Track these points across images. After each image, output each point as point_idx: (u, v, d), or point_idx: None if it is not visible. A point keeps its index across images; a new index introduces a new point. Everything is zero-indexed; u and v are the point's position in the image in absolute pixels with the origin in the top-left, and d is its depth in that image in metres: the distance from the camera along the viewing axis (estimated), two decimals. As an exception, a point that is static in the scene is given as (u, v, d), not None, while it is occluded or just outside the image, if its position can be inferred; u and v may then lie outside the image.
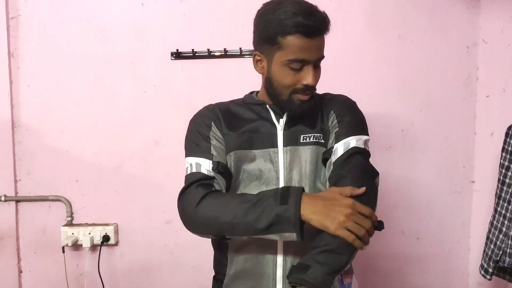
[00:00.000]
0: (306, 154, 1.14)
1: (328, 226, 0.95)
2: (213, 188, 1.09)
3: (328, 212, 0.96)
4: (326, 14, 1.07)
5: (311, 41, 1.05)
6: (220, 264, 1.21)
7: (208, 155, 1.13)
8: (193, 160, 1.14)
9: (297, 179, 1.13)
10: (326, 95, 1.26)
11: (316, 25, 1.04)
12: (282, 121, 1.17)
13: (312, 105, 1.15)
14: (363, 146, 1.12)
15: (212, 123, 1.17)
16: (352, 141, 1.11)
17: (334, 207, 0.97)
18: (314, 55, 1.07)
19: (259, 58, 1.14)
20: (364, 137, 1.14)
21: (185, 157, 1.17)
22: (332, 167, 1.11)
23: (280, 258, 1.12)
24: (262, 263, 1.13)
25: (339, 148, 1.11)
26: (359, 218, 0.96)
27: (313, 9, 1.06)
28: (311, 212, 0.97)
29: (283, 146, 1.15)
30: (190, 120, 1.22)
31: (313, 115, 1.19)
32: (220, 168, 1.12)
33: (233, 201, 1.03)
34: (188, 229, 1.09)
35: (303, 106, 1.12)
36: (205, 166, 1.12)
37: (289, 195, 0.99)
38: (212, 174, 1.11)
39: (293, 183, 1.13)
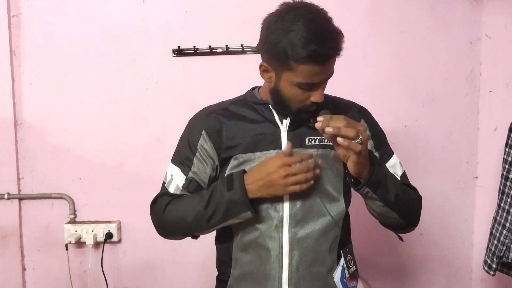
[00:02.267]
0: None
1: (277, 194, 1.06)
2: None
3: (269, 184, 1.04)
4: (339, 33, 1.01)
5: (324, 66, 1.00)
6: (223, 264, 1.20)
7: (185, 169, 1.16)
8: (172, 169, 1.18)
9: None
10: (337, 99, 1.23)
11: (330, 52, 0.99)
12: (286, 122, 1.13)
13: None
14: (403, 169, 1.23)
15: (204, 132, 1.15)
16: (397, 165, 1.20)
17: (270, 175, 1.04)
18: (324, 78, 1.04)
19: (266, 69, 1.08)
20: (395, 155, 1.22)
21: (171, 158, 1.21)
22: None
23: (286, 261, 1.11)
24: (267, 265, 1.11)
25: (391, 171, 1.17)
26: (294, 170, 1.03)
27: (327, 32, 0.99)
28: (257, 190, 1.05)
29: None
30: (188, 122, 1.22)
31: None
32: (190, 188, 1.16)
33: (192, 201, 1.12)
34: (161, 235, 1.19)
35: (306, 116, 1.10)
36: (177, 180, 1.16)
37: (233, 180, 1.07)
38: (178, 192, 1.16)
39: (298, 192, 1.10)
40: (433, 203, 1.96)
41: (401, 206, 1.10)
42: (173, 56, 1.87)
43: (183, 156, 1.17)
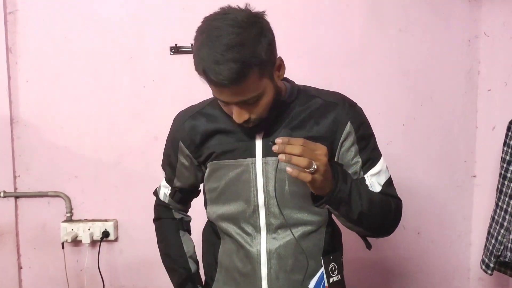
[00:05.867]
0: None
1: None
2: (169, 214, 1.28)
3: None
4: (240, 61, 0.88)
5: (222, 89, 0.93)
6: (209, 266, 1.21)
7: (170, 177, 1.23)
8: (163, 173, 1.27)
9: (279, 193, 1.04)
10: (322, 95, 1.10)
11: (218, 82, 0.90)
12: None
13: (265, 121, 1.02)
14: (389, 174, 1.11)
15: (180, 143, 1.14)
16: (382, 172, 1.08)
17: None
18: (231, 100, 0.95)
19: None
20: (382, 159, 1.10)
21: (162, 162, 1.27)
22: None
23: (264, 271, 1.08)
24: (248, 273, 1.10)
25: (375, 184, 1.07)
26: None
27: (222, 59, 0.89)
28: None
29: (262, 157, 1.04)
30: (172, 123, 1.21)
31: (299, 118, 1.06)
32: (175, 198, 1.25)
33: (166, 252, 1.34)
34: None
35: (253, 127, 1.02)
36: (164, 189, 1.27)
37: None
38: (166, 200, 1.26)
39: (273, 199, 1.04)
40: (431, 201, 1.95)
41: (367, 222, 1.03)
42: (170, 54, 1.86)
43: (168, 162, 1.22)
